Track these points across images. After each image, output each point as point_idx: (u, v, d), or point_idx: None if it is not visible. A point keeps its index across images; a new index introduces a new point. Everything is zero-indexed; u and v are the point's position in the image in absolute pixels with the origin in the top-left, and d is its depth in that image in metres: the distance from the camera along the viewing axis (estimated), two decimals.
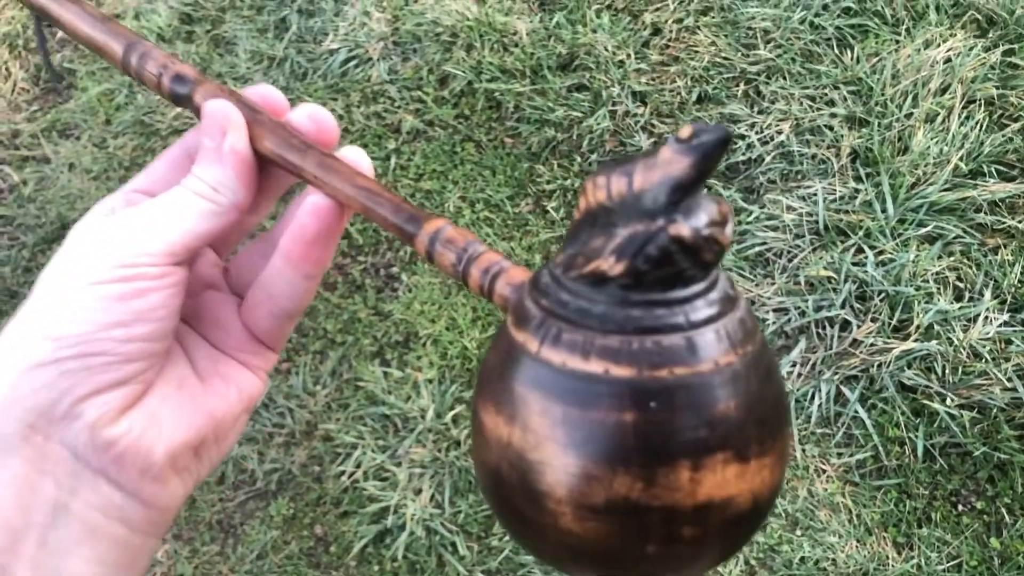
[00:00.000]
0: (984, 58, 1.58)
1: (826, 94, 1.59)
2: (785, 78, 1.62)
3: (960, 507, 1.27)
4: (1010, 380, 1.30)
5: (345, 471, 1.33)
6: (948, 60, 1.58)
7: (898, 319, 1.35)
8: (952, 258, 1.40)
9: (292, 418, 1.38)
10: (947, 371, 1.31)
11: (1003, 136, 1.50)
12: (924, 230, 1.42)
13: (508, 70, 1.69)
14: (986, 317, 1.34)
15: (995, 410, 1.29)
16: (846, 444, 1.31)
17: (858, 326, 1.35)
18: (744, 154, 1.55)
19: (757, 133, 1.56)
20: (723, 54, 1.66)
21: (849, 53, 1.63)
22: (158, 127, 1.72)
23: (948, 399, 1.30)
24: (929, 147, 1.48)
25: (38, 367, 0.32)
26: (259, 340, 0.40)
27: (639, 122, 1.60)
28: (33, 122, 1.78)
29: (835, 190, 1.48)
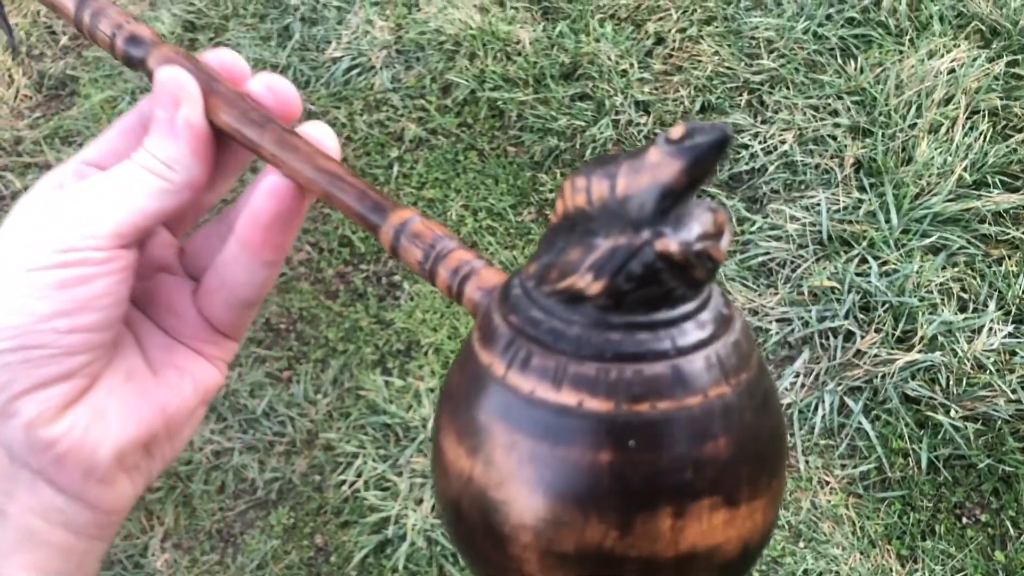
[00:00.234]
0: (988, 69, 1.57)
1: (829, 104, 1.58)
2: (788, 88, 1.61)
3: (964, 520, 1.27)
4: (1014, 392, 1.29)
5: (346, 481, 1.32)
6: (952, 71, 1.58)
7: (902, 330, 1.34)
8: (956, 269, 1.40)
9: (293, 427, 1.38)
10: (951, 382, 1.30)
11: (1007, 147, 1.50)
12: (928, 241, 1.41)
13: (511, 79, 1.69)
14: (990, 328, 1.33)
15: (999, 422, 1.28)
16: (849, 455, 1.30)
17: (862, 337, 1.35)
18: (747, 164, 1.54)
19: (760, 143, 1.56)
20: (726, 64, 1.66)
21: (852, 63, 1.62)
22: None
23: (952, 411, 1.29)
24: (933, 157, 1.48)
25: None
26: (216, 329, 0.37)
27: (642, 131, 1.60)
28: (35, 129, 1.78)
29: (839, 200, 1.47)
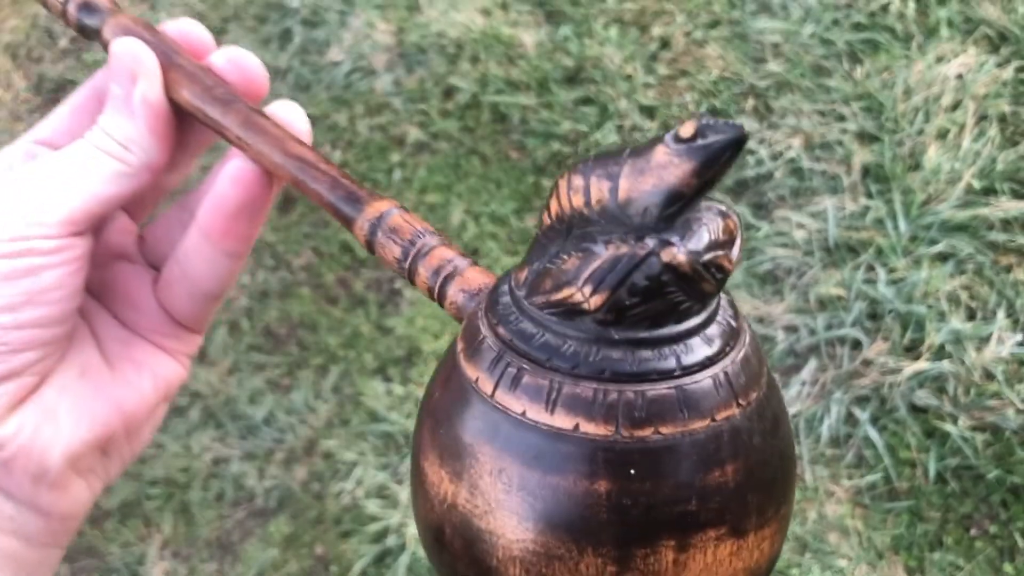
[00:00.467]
0: (997, 74, 1.56)
1: (836, 109, 1.57)
2: (795, 93, 1.60)
3: (973, 531, 1.26)
4: None
5: (346, 489, 1.32)
6: (960, 76, 1.57)
7: (910, 339, 1.34)
8: (964, 277, 1.39)
9: (293, 434, 1.37)
10: (959, 392, 1.30)
11: (1016, 153, 1.49)
12: (936, 248, 1.40)
13: (514, 83, 1.68)
14: (999, 337, 1.32)
15: (1008, 432, 1.27)
16: (856, 466, 1.29)
17: (869, 345, 1.34)
18: (754, 170, 1.54)
19: (767, 148, 1.55)
20: (732, 68, 1.65)
21: (860, 68, 1.61)
22: None
23: (960, 421, 1.28)
24: (941, 164, 1.47)
25: None
26: (178, 321, 0.34)
27: (647, 136, 1.59)
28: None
29: (846, 207, 1.47)
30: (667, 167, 0.22)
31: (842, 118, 1.57)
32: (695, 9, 1.74)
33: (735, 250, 0.23)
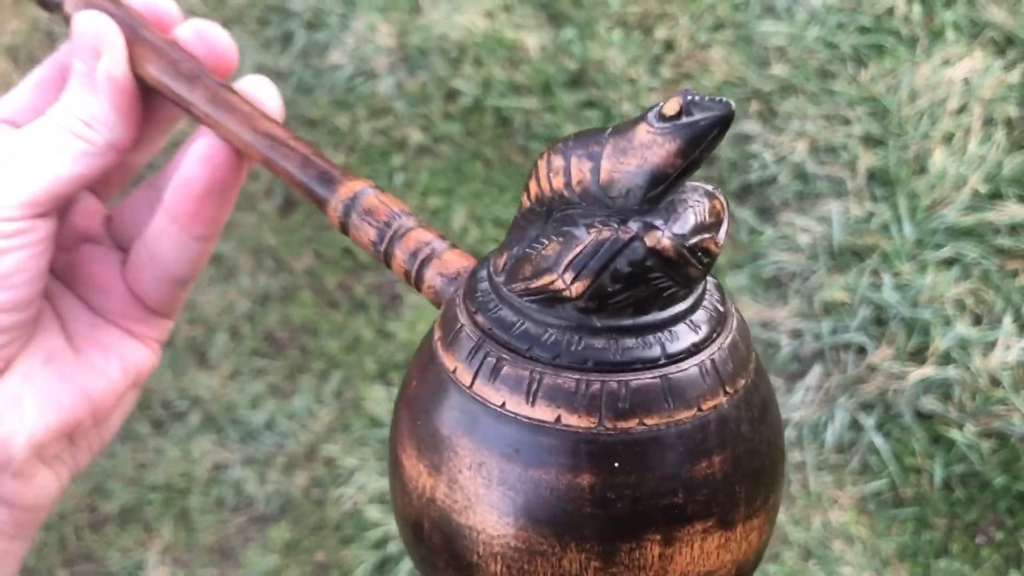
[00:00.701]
0: (1003, 78, 1.56)
1: (841, 113, 1.57)
2: (799, 96, 1.60)
3: (979, 539, 1.25)
4: None
5: (347, 495, 1.31)
6: (966, 80, 1.56)
7: (915, 344, 1.33)
8: (970, 282, 1.38)
9: (293, 440, 1.36)
10: (965, 398, 1.29)
11: (1023, 157, 1.48)
12: (942, 253, 1.40)
13: (517, 86, 1.67)
14: (1006, 343, 1.32)
15: (1015, 439, 1.27)
16: (861, 472, 1.29)
17: (874, 351, 1.34)
18: (758, 173, 1.53)
19: (771, 151, 1.54)
20: (736, 71, 1.64)
21: (865, 71, 1.61)
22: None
23: (966, 427, 1.27)
24: (947, 168, 1.46)
25: None
26: (147, 306, 0.33)
27: None
28: None
29: (850, 211, 1.46)
30: (651, 147, 0.21)
31: (847, 122, 1.56)
32: (699, 12, 1.74)
33: (722, 232, 0.22)
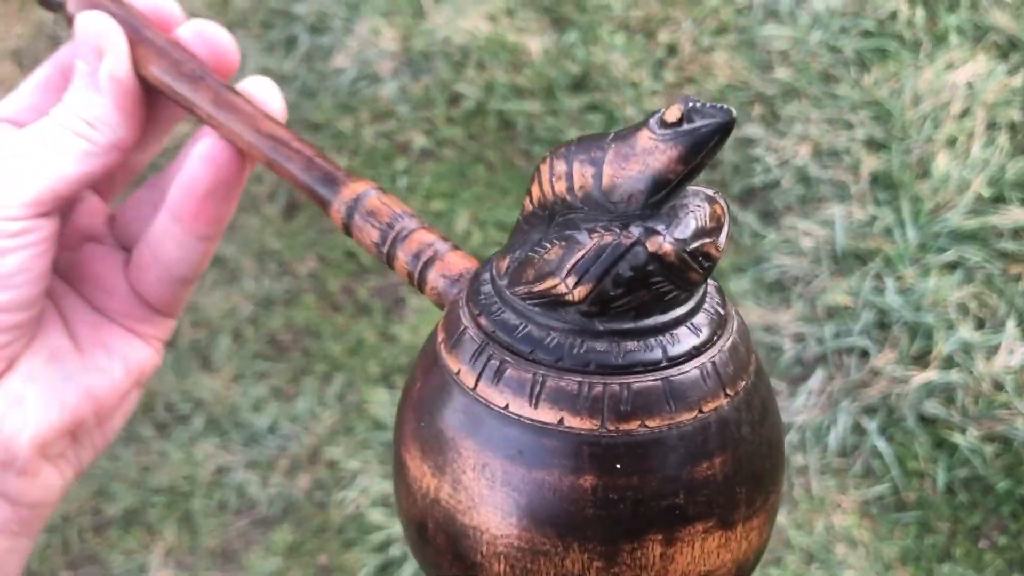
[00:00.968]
0: (1006, 82, 1.56)
1: (844, 117, 1.57)
2: (803, 100, 1.60)
3: (982, 543, 1.25)
4: None
5: (349, 498, 1.31)
6: (969, 83, 1.56)
7: (918, 348, 1.33)
8: (973, 286, 1.38)
9: (296, 443, 1.36)
10: (968, 402, 1.29)
11: None
12: (945, 257, 1.39)
13: (520, 90, 1.67)
14: (1009, 347, 1.32)
15: (1018, 443, 1.26)
16: (864, 476, 1.29)
17: (877, 355, 1.33)
18: (761, 177, 1.53)
19: (774, 155, 1.54)
20: (739, 75, 1.64)
21: (868, 75, 1.61)
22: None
23: (969, 431, 1.27)
24: (950, 172, 1.46)
25: None
26: (151, 305, 0.33)
27: None
28: None
29: (853, 215, 1.46)
30: (652, 153, 0.21)
31: (850, 126, 1.56)
32: (702, 16, 1.74)
33: (723, 237, 0.22)
